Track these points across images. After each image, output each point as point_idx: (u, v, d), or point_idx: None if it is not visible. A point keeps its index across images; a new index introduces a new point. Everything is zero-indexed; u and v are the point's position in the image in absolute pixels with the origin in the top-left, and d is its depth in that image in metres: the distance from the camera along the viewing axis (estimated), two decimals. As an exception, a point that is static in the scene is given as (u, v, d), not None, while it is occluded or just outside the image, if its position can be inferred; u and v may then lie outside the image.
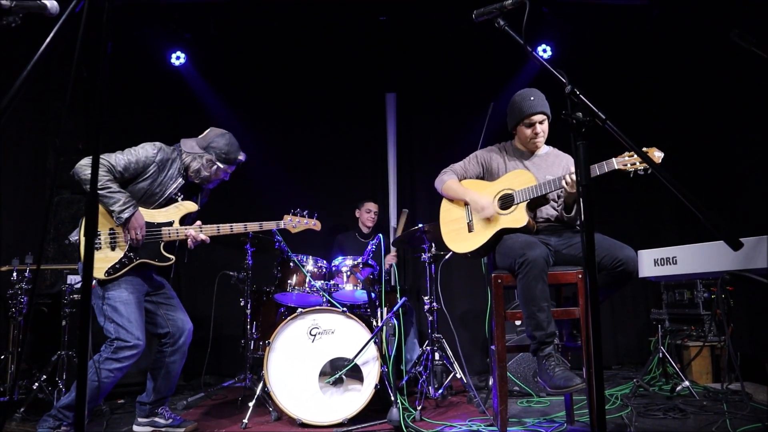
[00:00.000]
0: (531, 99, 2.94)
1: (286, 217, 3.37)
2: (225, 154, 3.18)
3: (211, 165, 3.17)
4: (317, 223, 3.47)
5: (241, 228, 3.19)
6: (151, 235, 3.04)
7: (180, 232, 3.09)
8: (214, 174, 3.21)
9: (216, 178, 3.26)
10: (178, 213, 3.13)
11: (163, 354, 3.12)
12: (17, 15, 1.81)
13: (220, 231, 3.16)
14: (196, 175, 3.17)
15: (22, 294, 3.93)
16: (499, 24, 1.73)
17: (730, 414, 3.13)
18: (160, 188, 3.08)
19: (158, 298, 3.16)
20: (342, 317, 3.38)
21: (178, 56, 5.65)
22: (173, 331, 3.13)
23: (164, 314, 3.14)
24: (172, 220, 3.10)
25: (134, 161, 2.99)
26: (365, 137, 5.89)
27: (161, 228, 3.06)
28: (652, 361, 4.21)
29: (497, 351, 2.69)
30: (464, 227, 2.95)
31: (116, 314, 2.88)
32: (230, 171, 3.28)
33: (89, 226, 1.41)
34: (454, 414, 3.48)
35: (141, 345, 2.89)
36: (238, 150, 3.25)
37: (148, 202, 3.07)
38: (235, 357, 4.68)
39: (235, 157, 3.22)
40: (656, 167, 1.49)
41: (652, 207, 5.66)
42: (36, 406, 3.54)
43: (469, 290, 5.49)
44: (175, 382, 3.22)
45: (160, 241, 3.05)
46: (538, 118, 2.95)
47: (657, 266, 2.98)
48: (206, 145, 3.18)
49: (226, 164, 3.21)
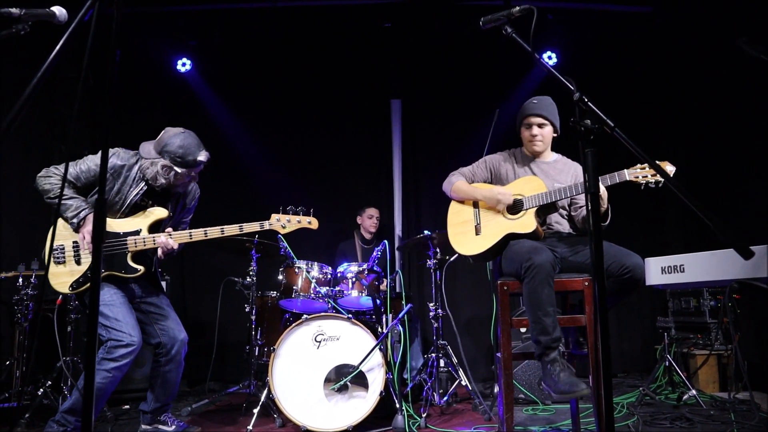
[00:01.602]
0: (534, 102, 2.97)
1: (274, 216, 3.09)
2: (180, 158, 2.89)
3: (168, 171, 2.91)
4: (313, 221, 3.18)
5: (217, 232, 2.96)
6: (116, 246, 2.89)
7: (147, 240, 2.90)
8: (173, 179, 2.94)
9: (180, 183, 3.00)
10: (147, 221, 2.95)
11: (158, 364, 3.06)
12: (26, 23, 1.82)
13: (192, 237, 2.96)
14: (153, 181, 2.93)
15: (28, 300, 3.94)
16: (507, 31, 1.73)
17: (737, 424, 3.10)
18: (119, 196, 2.92)
19: (148, 306, 3.06)
20: (347, 324, 3.37)
21: (183, 63, 5.68)
22: (165, 341, 3.03)
23: (154, 324, 3.04)
24: (139, 228, 2.93)
25: (85, 170, 2.88)
26: (370, 144, 5.91)
27: (126, 238, 2.90)
28: (659, 370, 4.18)
29: (503, 358, 2.67)
30: (472, 230, 2.95)
31: (102, 317, 2.78)
32: (194, 173, 3.02)
33: (96, 233, 1.40)
34: (459, 421, 3.47)
35: (136, 341, 2.79)
36: (197, 149, 2.93)
37: (111, 211, 2.92)
38: (240, 363, 4.67)
39: (194, 159, 2.91)
40: (668, 177, 1.48)
41: (656, 215, 5.65)
42: (41, 412, 3.54)
43: (473, 297, 5.48)
44: (174, 390, 3.16)
45: (125, 252, 2.89)
46: (536, 120, 2.96)
47: (664, 274, 2.98)
48: (160, 149, 2.90)
49: (184, 168, 2.92)
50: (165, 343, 3.04)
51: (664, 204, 5.59)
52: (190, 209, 3.28)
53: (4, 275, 3.94)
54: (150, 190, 3.00)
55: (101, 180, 1.47)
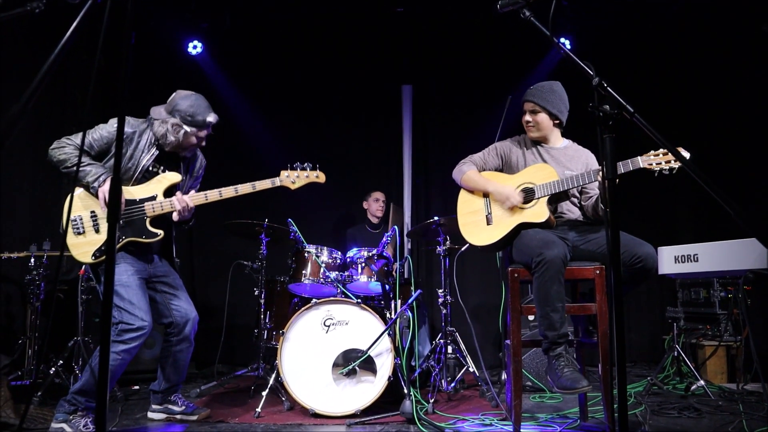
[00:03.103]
0: (530, 88, 2.98)
1: (284, 172, 3.14)
2: (191, 116, 2.97)
3: (178, 129, 2.97)
4: (320, 175, 3.20)
5: (231, 192, 3.03)
6: (134, 213, 2.93)
7: (164, 205, 2.96)
8: (183, 139, 3.01)
9: (188, 144, 3.05)
10: (161, 186, 3.00)
11: (169, 343, 3.10)
12: (41, 1, 1.82)
13: (208, 198, 3.01)
14: (163, 141, 2.99)
15: (40, 280, 3.98)
16: (525, 15, 1.70)
17: (746, 414, 3.09)
18: (132, 162, 2.96)
19: (161, 286, 3.09)
20: (356, 308, 3.38)
21: (195, 45, 5.66)
22: (177, 320, 3.06)
23: (167, 303, 3.07)
24: (155, 194, 2.97)
25: (98, 138, 2.91)
26: (381, 129, 5.88)
27: (144, 204, 2.95)
28: (667, 360, 4.17)
29: (512, 345, 2.67)
30: (483, 219, 2.93)
31: (117, 298, 2.81)
32: (202, 135, 3.07)
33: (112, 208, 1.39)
34: (466, 407, 3.48)
35: (147, 326, 2.82)
36: (207, 111, 3.03)
37: (124, 178, 2.94)
38: (248, 346, 4.70)
39: (203, 119, 3.00)
40: (687, 163, 1.46)
41: (668, 204, 5.61)
42: (53, 391, 3.59)
43: (482, 284, 5.48)
44: (184, 371, 3.20)
45: (144, 218, 2.94)
46: (528, 107, 2.97)
47: (677, 263, 2.97)
48: (171, 109, 2.99)
49: (194, 127, 2.99)
50: (177, 323, 3.07)
51: (676, 193, 5.54)
52: (198, 177, 3.31)
53: (16, 255, 3.97)
54: (161, 156, 3.04)
55: (116, 166, 1.45)
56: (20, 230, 4.36)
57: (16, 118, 1.29)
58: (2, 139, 1.23)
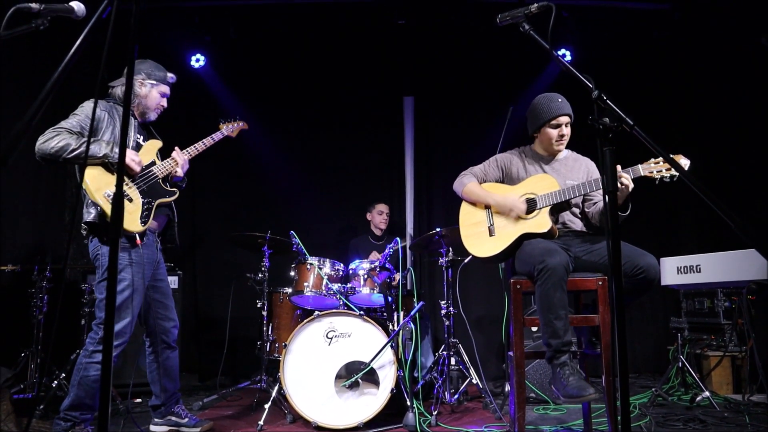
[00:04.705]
0: (558, 101, 2.93)
1: (222, 125, 3.50)
2: (153, 71, 3.15)
3: (141, 85, 3.10)
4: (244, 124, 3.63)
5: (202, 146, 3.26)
6: (148, 178, 3.02)
7: (166, 165, 3.09)
8: (148, 92, 3.13)
9: (153, 104, 3.16)
10: (152, 152, 3.10)
11: (156, 355, 3.12)
12: (45, 18, 1.84)
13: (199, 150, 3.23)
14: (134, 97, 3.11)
15: (42, 293, 3.98)
16: (524, 28, 1.72)
17: (752, 426, 3.07)
18: None
19: (155, 293, 3.10)
20: (359, 320, 3.37)
21: (197, 58, 5.70)
22: (161, 336, 3.11)
23: (155, 315, 3.10)
24: (153, 159, 3.09)
25: (83, 116, 2.91)
26: (383, 141, 5.89)
27: (150, 169, 3.04)
28: (671, 371, 4.14)
29: (515, 357, 2.66)
30: (485, 231, 2.93)
31: (127, 301, 2.84)
32: (165, 91, 3.21)
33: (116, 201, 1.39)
34: (469, 420, 3.46)
35: (127, 338, 2.86)
36: (165, 70, 3.22)
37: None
38: (251, 359, 4.69)
39: (164, 74, 3.19)
40: (685, 174, 1.46)
41: (670, 215, 5.60)
42: (55, 404, 3.56)
43: (484, 295, 5.46)
44: (178, 377, 3.22)
45: (157, 180, 3.04)
46: (565, 120, 2.92)
47: (680, 274, 2.96)
48: None
49: (157, 81, 3.15)
50: (160, 340, 3.11)
51: (678, 204, 5.54)
52: None
53: (20, 268, 3.98)
54: (139, 126, 3.15)
55: (119, 181, 1.46)
56: (23, 243, 4.37)
57: (20, 134, 1.30)
58: (6, 155, 1.24)
